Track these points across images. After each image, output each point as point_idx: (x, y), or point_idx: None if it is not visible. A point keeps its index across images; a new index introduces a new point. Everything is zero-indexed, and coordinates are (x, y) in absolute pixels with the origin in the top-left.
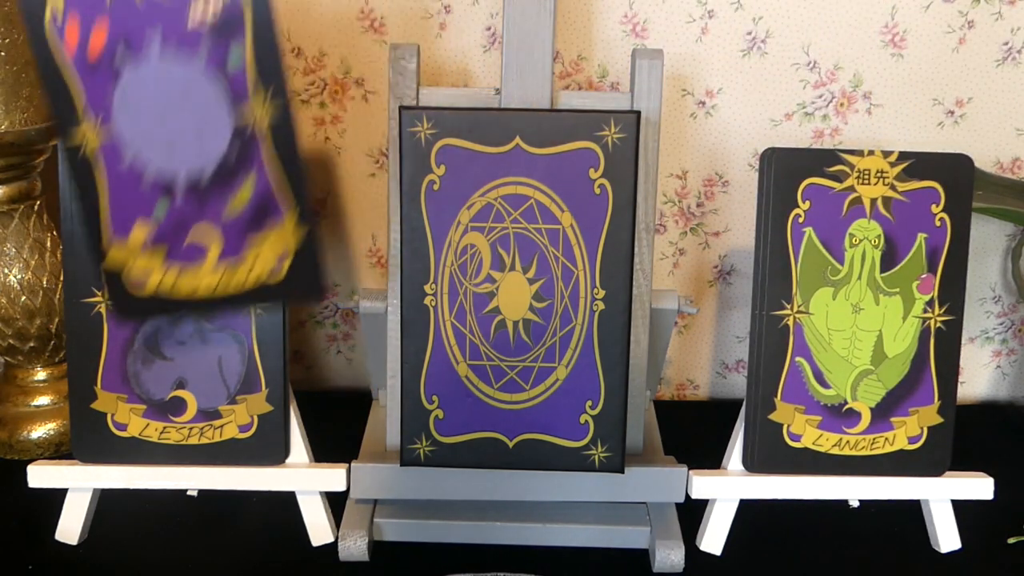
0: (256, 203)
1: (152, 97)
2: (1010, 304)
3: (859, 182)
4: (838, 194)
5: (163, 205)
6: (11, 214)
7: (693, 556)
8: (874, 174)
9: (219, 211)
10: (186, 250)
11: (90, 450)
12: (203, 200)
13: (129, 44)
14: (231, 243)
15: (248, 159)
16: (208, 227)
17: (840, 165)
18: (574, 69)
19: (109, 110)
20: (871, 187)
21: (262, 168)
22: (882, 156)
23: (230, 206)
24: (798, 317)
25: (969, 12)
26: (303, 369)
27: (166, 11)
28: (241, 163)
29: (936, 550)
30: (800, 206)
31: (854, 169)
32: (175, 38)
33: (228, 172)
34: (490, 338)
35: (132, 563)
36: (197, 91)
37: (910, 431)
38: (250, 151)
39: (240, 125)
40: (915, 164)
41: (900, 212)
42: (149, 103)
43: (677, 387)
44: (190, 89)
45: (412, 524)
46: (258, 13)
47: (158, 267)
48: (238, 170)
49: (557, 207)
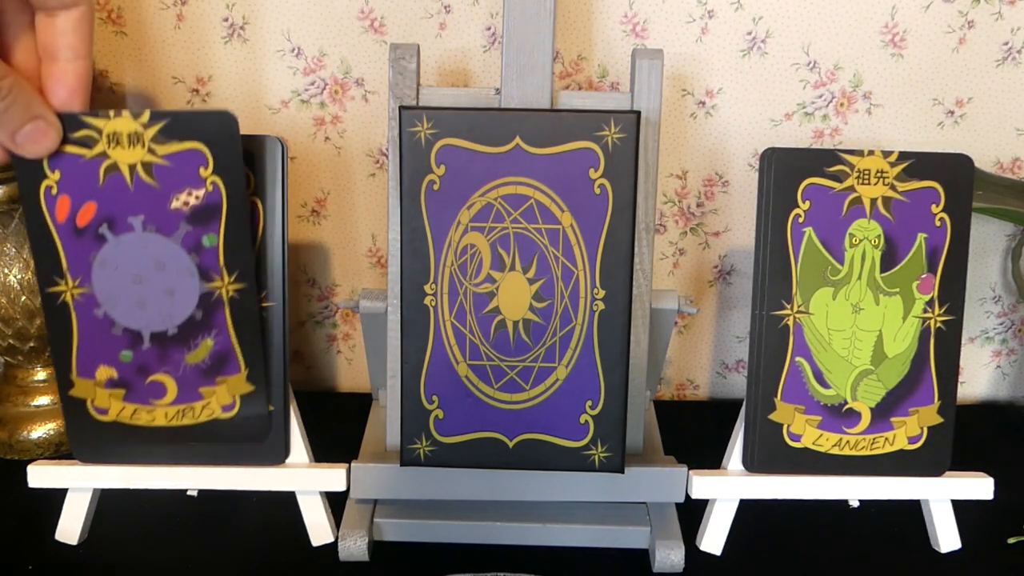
0: (214, 358)
1: (129, 264)
2: (1010, 304)
3: (859, 182)
4: (838, 194)
5: (127, 354)
6: (11, 214)
7: (693, 556)
8: (874, 174)
9: (179, 361)
10: (144, 391)
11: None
12: (165, 351)
13: (114, 220)
14: (186, 388)
15: (211, 320)
16: (167, 375)
17: (840, 165)
18: (574, 69)
19: (88, 273)
20: (871, 187)
21: (224, 328)
22: (882, 156)
23: (189, 356)
24: (798, 317)
25: (969, 12)
26: (303, 369)
27: (153, 196)
28: (205, 322)
29: (936, 550)
30: (800, 206)
31: (854, 169)
32: (157, 218)
33: (192, 329)
34: (490, 338)
35: (132, 563)
36: (172, 261)
37: (910, 431)
38: (215, 313)
39: (207, 291)
40: (915, 164)
41: (900, 212)
42: (126, 268)
43: (677, 387)
44: (165, 259)
45: (412, 524)
46: (232, 208)
47: (118, 402)
48: (201, 328)
49: (557, 207)
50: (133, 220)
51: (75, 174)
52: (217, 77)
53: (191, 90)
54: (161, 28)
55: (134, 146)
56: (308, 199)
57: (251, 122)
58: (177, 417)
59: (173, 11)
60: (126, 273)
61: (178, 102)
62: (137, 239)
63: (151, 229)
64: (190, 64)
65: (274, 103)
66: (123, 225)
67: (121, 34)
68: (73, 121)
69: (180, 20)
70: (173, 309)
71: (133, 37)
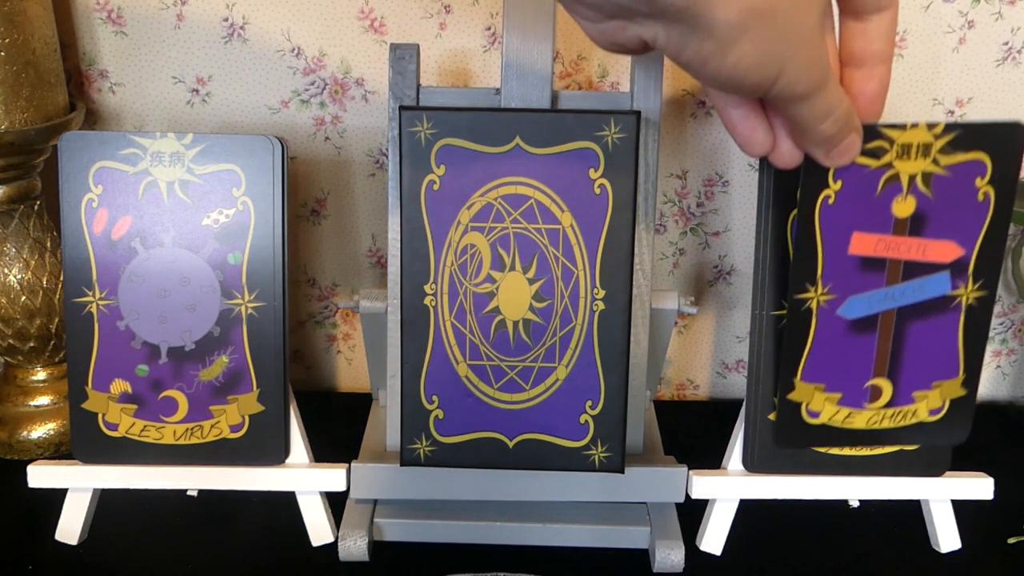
0: (228, 375)
1: (156, 278)
2: (1010, 304)
3: (899, 157)
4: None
5: (144, 368)
6: (11, 214)
7: (693, 556)
8: (916, 148)
9: (193, 378)
10: (156, 407)
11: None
12: (180, 367)
13: (146, 235)
14: (197, 406)
15: (228, 337)
16: (179, 391)
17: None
18: (574, 69)
19: (115, 285)
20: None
21: (240, 346)
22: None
23: (204, 373)
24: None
25: (969, 12)
26: (303, 369)
27: (186, 211)
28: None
29: (936, 550)
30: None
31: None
32: (187, 234)
33: (208, 345)
34: (490, 338)
35: (132, 563)
36: (196, 277)
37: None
38: (232, 330)
39: (227, 307)
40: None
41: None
42: (152, 282)
43: (677, 387)
44: (191, 275)
45: (412, 524)
46: (260, 227)
47: (128, 417)
48: (218, 345)
49: (557, 207)
50: (164, 235)
51: (117, 189)
52: (217, 77)
53: (191, 90)
54: (161, 28)
55: (175, 165)
56: (308, 199)
57: (251, 122)
58: (185, 436)
59: (173, 11)
60: (152, 287)
61: (178, 102)
62: (166, 254)
63: (180, 245)
64: (190, 64)
65: (274, 103)
66: (155, 240)
67: (121, 34)
68: (121, 140)
69: (180, 20)
70: (192, 324)
71: (133, 37)
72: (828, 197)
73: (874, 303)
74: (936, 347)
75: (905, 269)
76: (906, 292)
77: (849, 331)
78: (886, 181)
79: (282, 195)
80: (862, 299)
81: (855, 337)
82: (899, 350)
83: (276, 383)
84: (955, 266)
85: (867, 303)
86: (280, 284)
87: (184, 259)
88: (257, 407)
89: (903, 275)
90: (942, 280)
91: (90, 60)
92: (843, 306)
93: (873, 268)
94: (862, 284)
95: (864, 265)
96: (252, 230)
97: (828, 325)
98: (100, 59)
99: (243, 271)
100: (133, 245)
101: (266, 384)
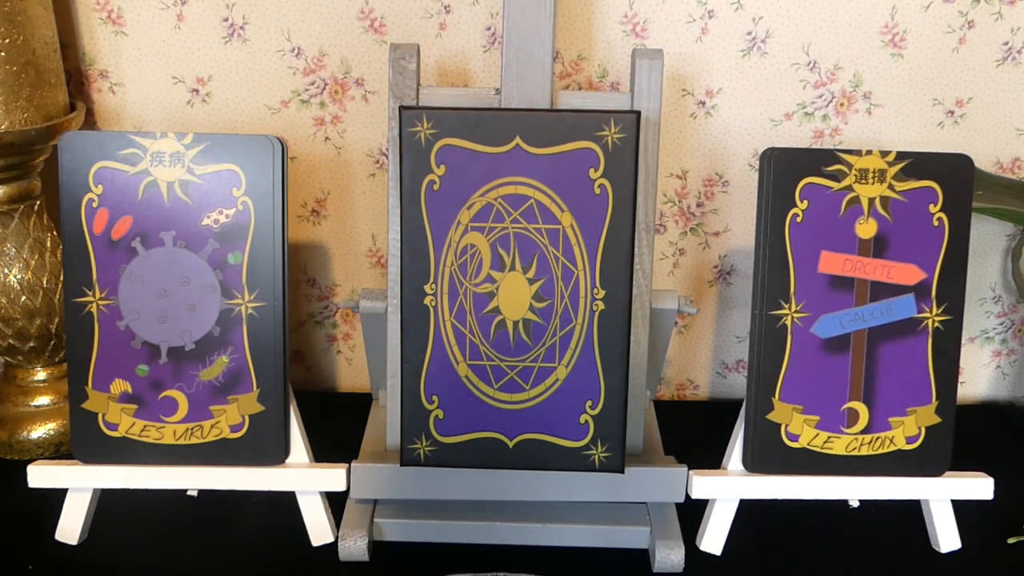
0: (228, 375)
1: (156, 277)
2: (1010, 304)
3: (857, 181)
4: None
5: (144, 368)
6: (11, 214)
7: (693, 556)
8: (872, 173)
9: (193, 378)
10: (156, 407)
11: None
12: (180, 367)
13: (147, 235)
14: (197, 406)
15: (228, 337)
16: (179, 391)
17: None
18: (574, 69)
19: (116, 285)
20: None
21: (240, 346)
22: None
23: (204, 373)
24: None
25: (969, 12)
26: (303, 369)
27: (186, 211)
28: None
29: (936, 550)
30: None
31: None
32: (187, 233)
33: (209, 345)
34: (490, 338)
35: (132, 563)
36: (196, 277)
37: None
38: (232, 330)
39: (227, 307)
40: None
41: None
42: (152, 282)
43: (677, 387)
44: (191, 275)
45: (412, 524)
46: (260, 227)
47: (128, 417)
48: (218, 345)
49: (557, 207)
50: (164, 235)
51: (117, 189)
52: (217, 77)
53: (191, 90)
54: (161, 28)
55: (175, 165)
56: (308, 199)
57: (251, 122)
58: (185, 436)
59: (173, 11)
60: (152, 287)
61: (178, 102)
62: (166, 254)
63: (181, 245)
64: (190, 64)
65: (274, 103)
66: (155, 240)
67: (121, 34)
68: (121, 140)
69: (180, 20)
70: (192, 324)
71: (133, 37)
72: (796, 215)
73: (845, 323)
74: (907, 371)
75: (872, 289)
76: (875, 312)
77: (823, 351)
78: (848, 203)
79: (282, 195)
80: (833, 318)
81: (829, 357)
82: (872, 372)
83: (276, 383)
84: (919, 289)
85: (838, 322)
86: (280, 284)
87: (184, 259)
88: (257, 407)
89: (871, 296)
90: (907, 302)
91: (90, 60)
92: (816, 324)
93: (842, 287)
94: (833, 303)
95: (834, 284)
96: (252, 230)
97: (803, 344)
98: (100, 59)
99: (243, 271)
100: (133, 245)
101: (266, 384)
